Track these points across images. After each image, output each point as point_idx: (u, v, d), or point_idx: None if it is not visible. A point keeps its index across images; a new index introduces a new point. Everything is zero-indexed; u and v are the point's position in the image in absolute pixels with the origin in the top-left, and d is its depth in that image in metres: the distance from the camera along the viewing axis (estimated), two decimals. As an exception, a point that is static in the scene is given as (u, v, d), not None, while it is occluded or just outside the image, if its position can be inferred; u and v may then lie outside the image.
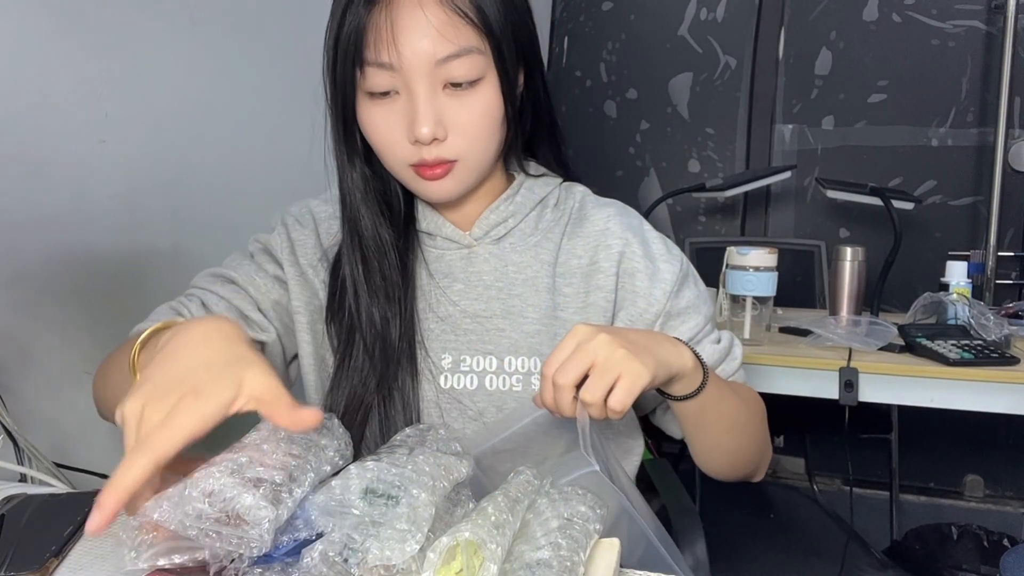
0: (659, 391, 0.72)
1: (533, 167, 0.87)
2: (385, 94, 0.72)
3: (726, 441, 0.80)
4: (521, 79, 0.78)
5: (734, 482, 0.85)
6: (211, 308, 0.79)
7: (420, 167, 0.75)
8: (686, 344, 0.71)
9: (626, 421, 0.86)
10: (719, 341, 0.84)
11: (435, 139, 0.72)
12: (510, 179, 0.86)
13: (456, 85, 0.72)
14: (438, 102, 0.72)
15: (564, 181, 0.88)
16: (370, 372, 0.78)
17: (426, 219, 0.83)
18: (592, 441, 0.61)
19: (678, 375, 0.69)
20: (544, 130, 0.86)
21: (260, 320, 0.81)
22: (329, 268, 0.83)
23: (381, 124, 0.74)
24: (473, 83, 0.72)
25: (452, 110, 0.72)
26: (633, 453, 0.87)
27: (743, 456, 0.83)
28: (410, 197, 0.84)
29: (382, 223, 0.80)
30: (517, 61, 0.76)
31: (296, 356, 0.85)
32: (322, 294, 0.83)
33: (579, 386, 0.63)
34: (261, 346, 0.81)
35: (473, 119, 0.73)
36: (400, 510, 0.48)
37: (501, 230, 0.83)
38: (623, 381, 0.62)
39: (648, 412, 0.88)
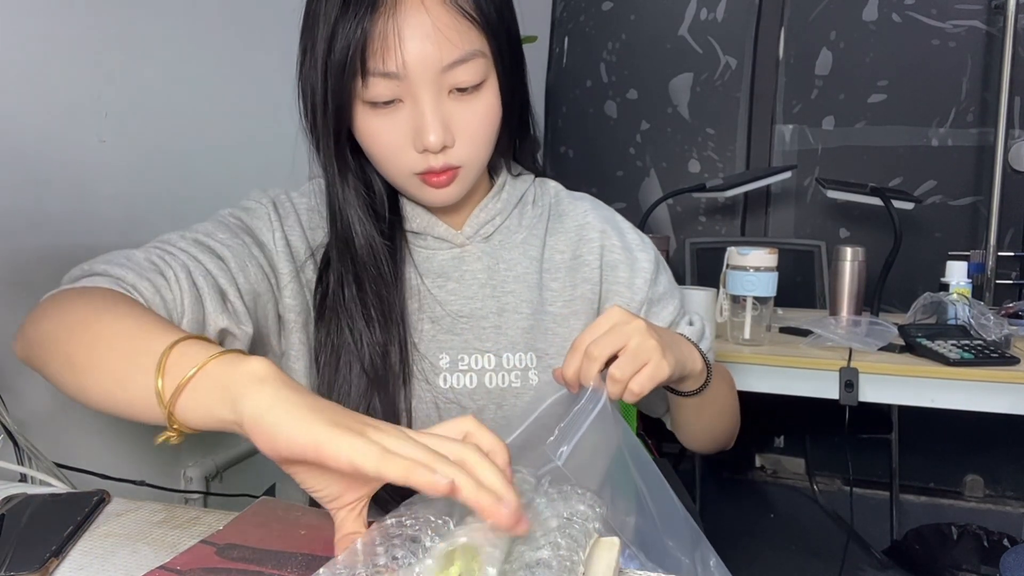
0: (668, 388, 0.77)
1: (513, 166, 0.87)
2: (387, 103, 0.70)
3: (716, 424, 0.88)
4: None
5: (712, 453, 0.95)
6: (196, 279, 0.69)
7: (427, 175, 0.73)
8: (697, 347, 0.77)
9: None
10: (692, 323, 0.89)
11: (444, 146, 0.71)
12: (491, 178, 0.86)
13: (461, 90, 0.71)
14: (444, 108, 0.70)
15: (536, 177, 0.89)
16: (365, 390, 0.75)
17: (417, 219, 0.81)
18: (611, 408, 0.65)
19: (689, 375, 0.75)
20: (525, 130, 0.86)
21: (242, 310, 0.71)
22: (316, 269, 0.79)
23: (384, 134, 0.72)
24: (477, 87, 0.71)
25: (457, 115, 0.71)
26: None
27: (724, 432, 0.91)
28: (395, 198, 0.82)
29: (376, 242, 0.77)
30: (512, 61, 0.75)
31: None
32: (308, 295, 0.79)
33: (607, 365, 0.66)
34: (227, 337, 0.71)
35: (477, 123, 0.73)
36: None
37: (489, 228, 0.83)
38: (648, 368, 0.65)
39: None
